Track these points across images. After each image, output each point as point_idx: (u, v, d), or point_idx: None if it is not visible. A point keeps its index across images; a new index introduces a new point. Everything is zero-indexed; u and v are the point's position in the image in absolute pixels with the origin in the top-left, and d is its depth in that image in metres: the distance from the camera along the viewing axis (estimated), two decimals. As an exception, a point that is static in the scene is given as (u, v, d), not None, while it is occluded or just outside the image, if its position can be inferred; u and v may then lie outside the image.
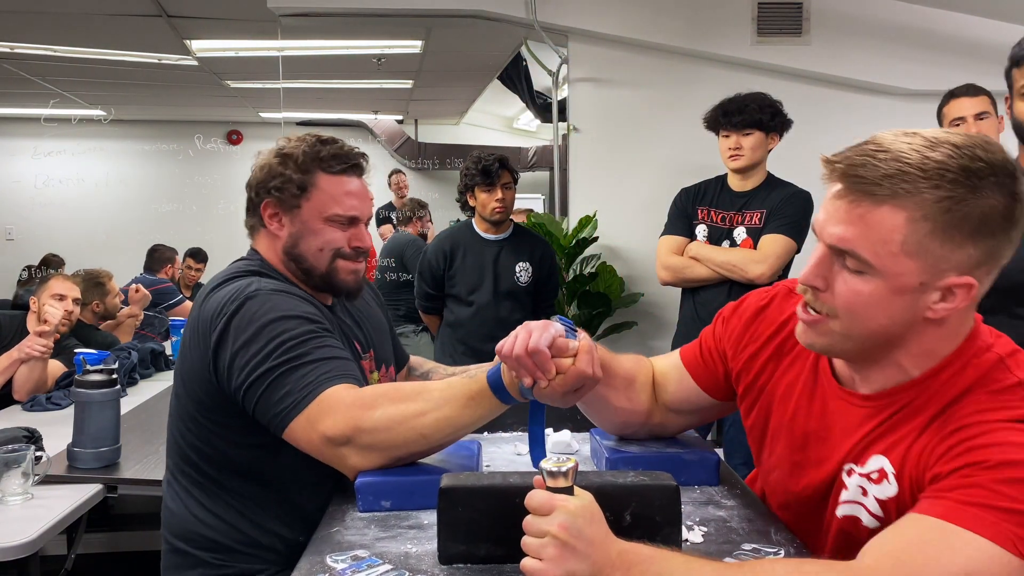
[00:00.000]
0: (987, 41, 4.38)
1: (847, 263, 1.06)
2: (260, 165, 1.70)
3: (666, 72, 4.41)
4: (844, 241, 1.05)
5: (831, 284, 1.09)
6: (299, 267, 1.68)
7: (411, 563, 1.17)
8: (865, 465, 1.14)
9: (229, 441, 1.58)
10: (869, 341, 1.10)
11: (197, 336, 1.56)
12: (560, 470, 1.03)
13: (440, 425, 1.36)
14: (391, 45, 5.88)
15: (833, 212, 1.07)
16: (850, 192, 1.04)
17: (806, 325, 1.14)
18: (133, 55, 6.14)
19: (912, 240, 1.02)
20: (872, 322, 1.07)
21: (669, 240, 3.35)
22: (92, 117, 8.09)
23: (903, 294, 1.05)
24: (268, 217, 1.68)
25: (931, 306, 1.06)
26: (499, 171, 3.61)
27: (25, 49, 5.95)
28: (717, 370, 1.43)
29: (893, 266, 1.03)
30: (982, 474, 0.99)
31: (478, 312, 3.66)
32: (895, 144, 1.04)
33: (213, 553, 1.60)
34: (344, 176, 1.68)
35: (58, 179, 9.06)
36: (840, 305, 1.08)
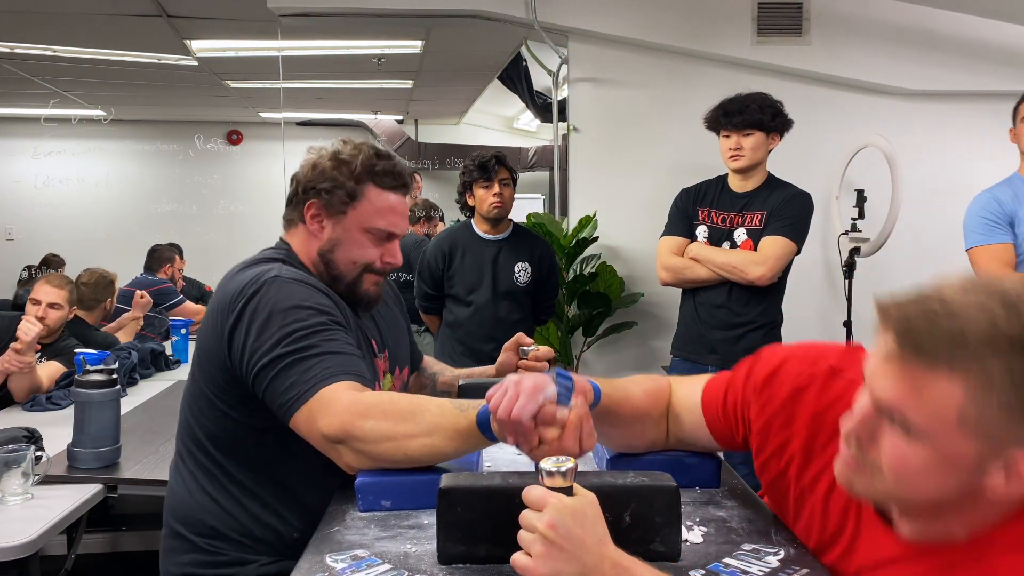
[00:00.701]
0: (987, 41, 4.38)
1: (896, 420, 0.93)
2: (312, 163, 1.72)
3: (666, 72, 4.41)
4: (893, 403, 0.93)
5: (878, 440, 0.96)
6: (328, 271, 1.71)
7: (411, 563, 1.17)
8: None
9: (240, 424, 1.60)
10: (915, 509, 0.99)
11: (216, 316, 1.59)
12: (558, 470, 1.03)
13: (425, 451, 1.37)
14: (391, 45, 5.88)
15: (886, 373, 0.93)
16: (904, 354, 0.91)
17: (849, 468, 1.01)
18: (133, 55, 6.14)
19: (972, 414, 0.88)
20: (921, 491, 0.95)
21: (669, 241, 3.35)
22: (92, 117, 8.09)
23: (954, 470, 0.92)
24: (310, 216, 1.71)
25: (992, 485, 0.91)
26: (496, 167, 3.62)
27: (25, 49, 5.95)
28: (737, 430, 1.33)
29: (945, 441, 0.90)
30: None
31: (477, 312, 3.66)
32: (964, 308, 0.89)
33: (208, 539, 1.63)
34: (393, 192, 1.72)
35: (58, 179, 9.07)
36: (887, 467, 0.95)
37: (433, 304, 3.82)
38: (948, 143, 4.39)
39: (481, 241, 3.72)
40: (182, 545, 1.66)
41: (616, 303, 4.35)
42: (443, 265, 3.72)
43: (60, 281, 3.67)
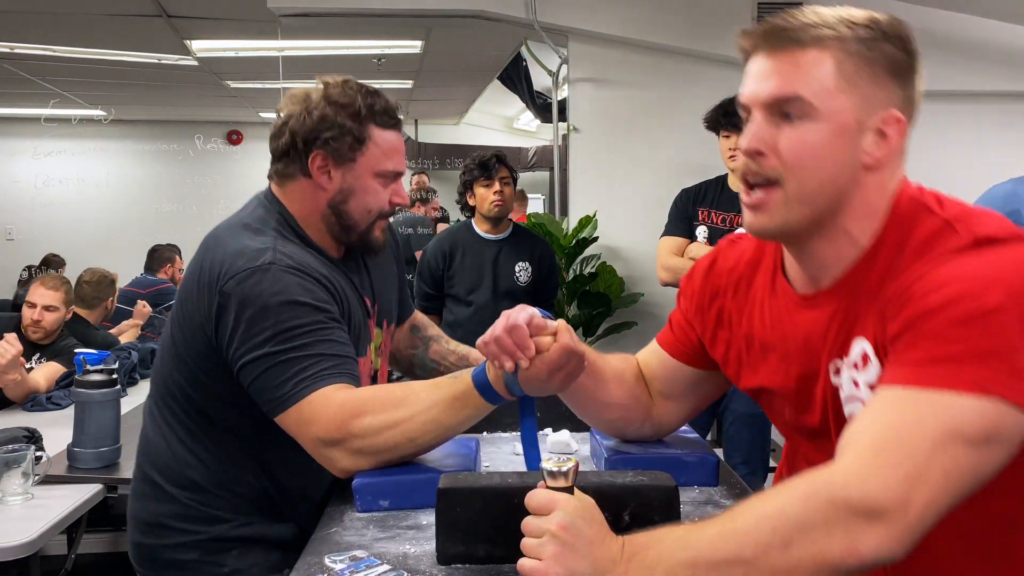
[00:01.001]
0: (987, 41, 4.38)
1: (790, 112, 1.06)
2: (307, 110, 1.58)
3: (666, 72, 4.42)
4: (783, 89, 1.06)
5: (774, 146, 1.07)
6: (339, 223, 1.61)
7: (410, 563, 1.17)
8: (850, 354, 1.09)
9: (224, 399, 1.54)
10: (820, 199, 1.08)
11: (201, 286, 1.51)
12: (560, 470, 1.03)
13: (428, 428, 1.37)
14: (391, 45, 5.88)
15: (761, 72, 1.09)
16: (775, 48, 1.08)
17: (755, 209, 1.11)
18: (133, 55, 6.15)
19: (843, 75, 1.05)
20: (821, 172, 1.06)
21: (669, 241, 3.35)
22: (92, 117, 8.09)
23: (844, 136, 1.06)
24: (316, 168, 1.58)
25: (868, 151, 1.07)
26: (496, 165, 3.63)
27: (25, 49, 5.96)
28: (692, 339, 1.39)
29: (831, 104, 1.05)
30: (930, 322, 0.95)
31: (477, 312, 3.66)
32: (808, 10, 1.09)
33: (187, 492, 1.57)
34: (393, 131, 1.63)
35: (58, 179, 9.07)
36: (787, 162, 1.07)
37: (433, 304, 3.82)
38: (948, 143, 4.39)
39: (481, 241, 3.72)
40: (156, 492, 1.60)
41: (616, 303, 4.36)
42: (443, 265, 3.72)
43: (55, 283, 3.67)
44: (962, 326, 0.94)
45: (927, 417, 0.92)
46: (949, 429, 0.91)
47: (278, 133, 1.61)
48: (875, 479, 0.89)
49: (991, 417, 0.91)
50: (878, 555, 0.88)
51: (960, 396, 0.91)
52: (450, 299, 3.74)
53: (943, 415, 0.91)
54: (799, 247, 1.14)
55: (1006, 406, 0.91)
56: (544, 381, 1.32)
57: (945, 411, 0.92)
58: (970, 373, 0.92)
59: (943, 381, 0.93)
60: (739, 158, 1.12)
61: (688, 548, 0.93)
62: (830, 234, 1.10)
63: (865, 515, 0.88)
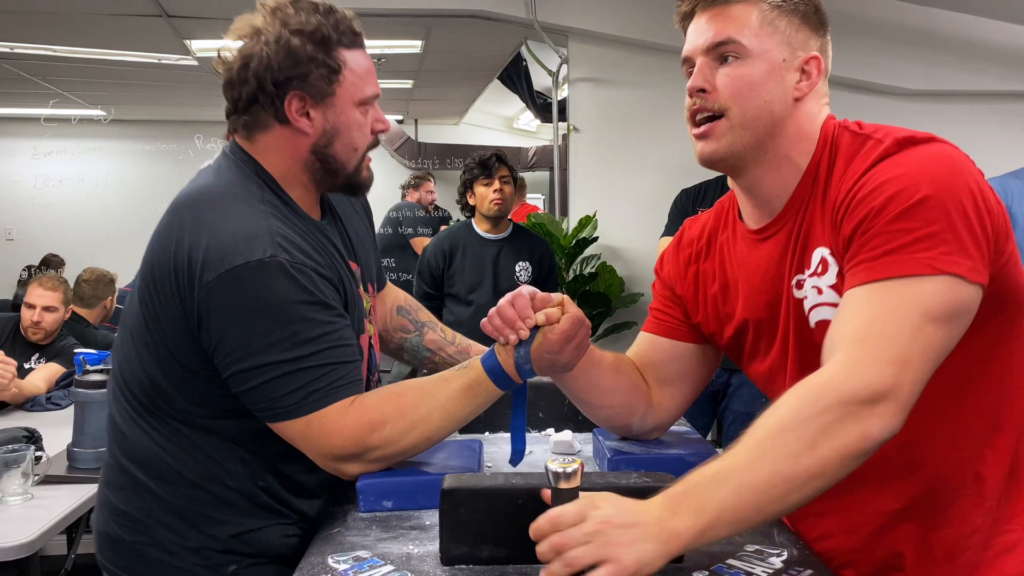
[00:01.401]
0: (987, 41, 4.38)
1: (725, 53, 1.23)
2: (268, 46, 1.37)
3: (666, 72, 4.40)
4: (719, 35, 1.23)
5: (714, 84, 1.23)
6: (324, 168, 1.44)
7: (413, 564, 1.17)
8: (810, 265, 1.21)
9: (211, 400, 1.37)
10: (759, 124, 1.22)
11: (179, 271, 1.31)
12: (566, 471, 1.03)
13: (444, 424, 1.36)
14: (391, 45, 5.88)
15: (698, 28, 1.26)
16: (709, 8, 1.25)
17: (704, 137, 1.25)
18: (133, 55, 6.14)
19: (766, 21, 1.22)
20: (758, 99, 1.21)
21: (668, 241, 3.35)
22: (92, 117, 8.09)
23: (773, 71, 1.22)
24: (294, 112, 1.39)
25: (796, 86, 1.23)
26: (496, 164, 3.64)
27: (25, 49, 5.95)
28: (676, 314, 1.47)
29: (759, 44, 1.21)
30: (876, 221, 1.08)
31: (477, 312, 3.65)
32: None
33: (170, 485, 1.39)
34: (360, 50, 1.45)
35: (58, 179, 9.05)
36: (728, 95, 1.22)
37: (433, 304, 3.82)
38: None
39: (481, 240, 3.73)
40: (132, 483, 1.42)
41: (616, 303, 4.36)
42: (443, 264, 3.72)
43: (53, 283, 3.67)
44: (904, 219, 1.07)
45: (896, 306, 1.04)
46: (919, 312, 1.04)
47: (238, 79, 1.40)
48: (870, 369, 1.01)
49: (950, 294, 1.05)
50: (883, 434, 1.01)
51: (919, 279, 1.04)
52: (450, 299, 3.74)
53: (910, 300, 1.04)
54: (747, 179, 1.28)
55: (959, 280, 1.05)
56: (556, 354, 1.33)
57: (911, 297, 1.04)
58: (921, 257, 1.05)
59: (900, 269, 1.05)
60: (687, 105, 1.27)
61: (728, 480, 0.99)
62: (773, 159, 1.24)
63: (869, 402, 1.00)
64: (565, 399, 1.80)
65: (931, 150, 1.13)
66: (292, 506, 1.43)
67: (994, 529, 1.18)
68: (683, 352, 1.47)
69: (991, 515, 1.18)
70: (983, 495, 1.18)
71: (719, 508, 0.97)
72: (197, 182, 1.43)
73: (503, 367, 1.36)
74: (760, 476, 0.98)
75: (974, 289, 1.06)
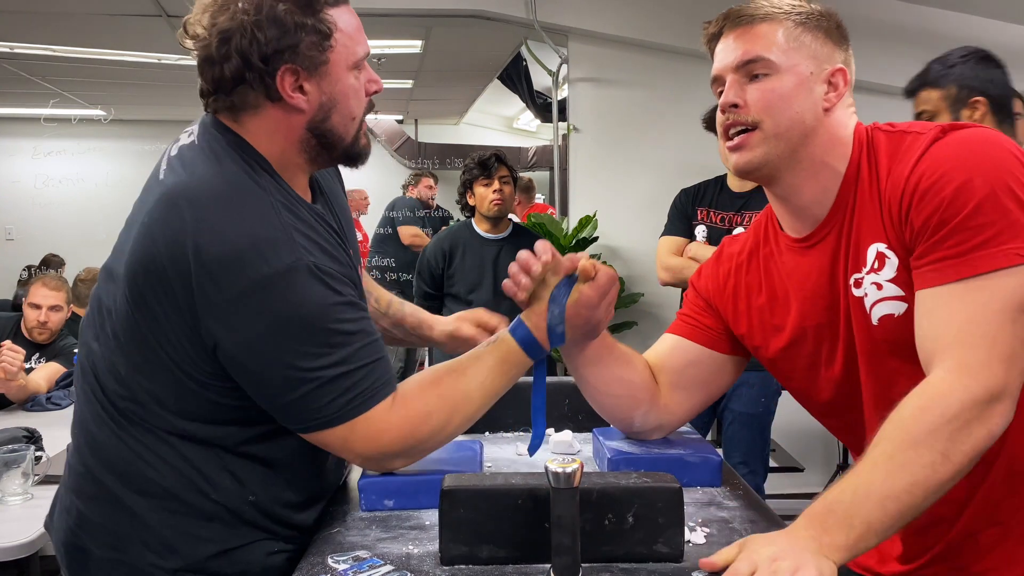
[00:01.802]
0: (987, 41, 4.35)
1: (755, 71, 1.27)
2: (249, 15, 1.21)
3: (666, 72, 4.42)
4: (748, 53, 1.27)
5: (746, 99, 1.27)
6: (320, 143, 1.31)
7: (413, 564, 1.17)
8: (866, 263, 1.23)
9: (211, 404, 1.28)
10: (792, 133, 1.26)
11: (172, 275, 1.19)
12: (565, 472, 1.03)
13: (484, 402, 1.35)
14: (391, 45, 5.88)
15: (727, 48, 1.31)
16: (735, 28, 1.30)
17: (738, 149, 1.29)
18: (133, 55, 6.14)
19: (791, 37, 1.27)
20: (790, 111, 1.26)
21: (668, 241, 3.35)
22: (92, 117, 8.09)
23: (802, 84, 1.26)
24: (289, 88, 1.26)
25: (824, 97, 1.27)
26: (496, 164, 3.65)
27: (25, 49, 5.95)
28: (712, 323, 1.49)
29: (787, 59, 1.26)
30: (951, 216, 1.11)
31: (477, 312, 3.66)
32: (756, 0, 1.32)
33: (150, 499, 1.28)
34: (345, 6, 1.31)
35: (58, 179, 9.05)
36: (760, 108, 1.26)
37: (432, 304, 3.82)
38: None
39: (482, 240, 3.73)
40: (108, 496, 1.30)
41: (616, 303, 4.36)
42: (443, 264, 3.73)
43: (57, 282, 3.68)
44: (981, 213, 1.10)
45: (990, 303, 1.09)
46: (1013, 306, 1.08)
47: (218, 56, 1.23)
48: (983, 371, 1.07)
49: None
50: (1004, 428, 1.07)
51: (1006, 272, 1.09)
52: (450, 298, 3.74)
53: (1002, 294, 1.08)
54: (783, 187, 1.30)
55: None
56: (594, 309, 1.35)
57: (1002, 290, 1.08)
58: (1007, 249, 1.09)
59: (988, 263, 1.09)
60: (719, 121, 1.31)
61: (870, 494, 1.03)
62: (809, 167, 1.28)
63: (989, 402, 1.06)
64: (565, 399, 1.80)
65: (976, 132, 1.18)
66: (282, 520, 1.34)
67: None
68: (705, 358, 1.49)
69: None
70: None
71: (866, 521, 1.02)
72: (194, 171, 1.26)
73: (533, 334, 1.36)
74: (900, 487, 1.03)
75: None
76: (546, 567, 1.09)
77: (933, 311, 1.13)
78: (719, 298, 1.47)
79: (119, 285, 1.27)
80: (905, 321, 1.19)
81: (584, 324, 1.38)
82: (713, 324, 1.49)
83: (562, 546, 1.06)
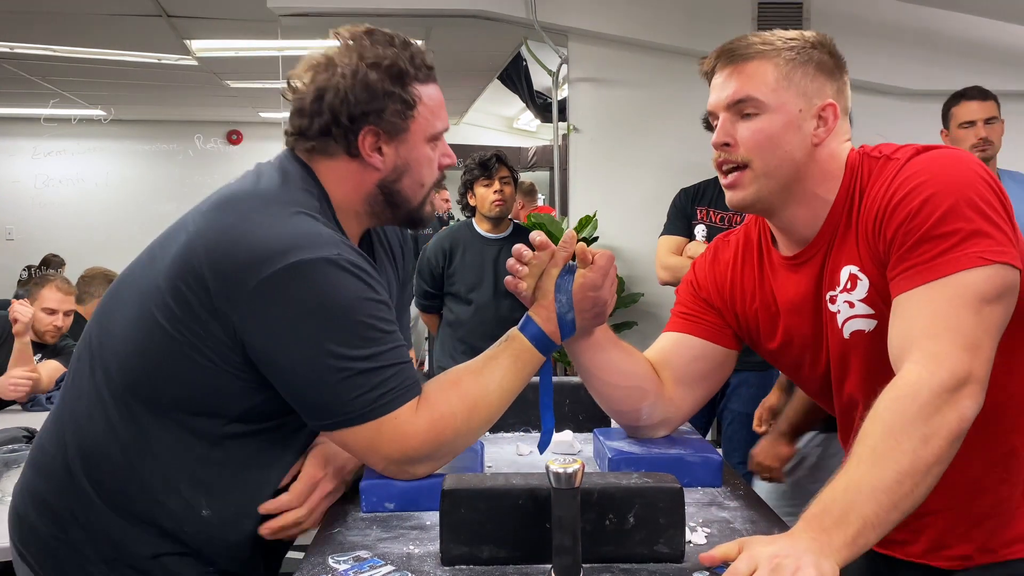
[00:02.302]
0: (987, 41, 4.38)
1: (745, 111, 1.32)
2: (345, 78, 1.34)
3: (666, 72, 4.41)
4: (738, 92, 1.32)
5: (736, 138, 1.33)
6: (387, 202, 1.41)
7: (413, 564, 1.17)
8: (840, 282, 1.32)
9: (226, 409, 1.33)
10: (784, 172, 1.32)
11: (216, 265, 1.25)
12: (566, 472, 1.03)
13: (502, 401, 1.37)
14: (391, 45, 5.87)
15: (720, 85, 1.35)
16: (727, 65, 1.34)
17: (732, 187, 1.35)
18: (133, 55, 6.14)
19: (782, 76, 1.31)
20: (779, 151, 1.31)
21: (668, 240, 3.35)
22: (92, 117, 8.09)
23: (791, 122, 1.31)
24: (368, 148, 1.36)
25: (814, 132, 1.32)
26: (496, 165, 3.66)
27: (25, 49, 5.95)
28: (713, 319, 1.54)
29: (776, 98, 1.31)
30: (919, 226, 1.20)
31: (478, 311, 3.67)
32: (751, 35, 1.37)
33: (110, 481, 1.33)
34: (433, 83, 1.43)
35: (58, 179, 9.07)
36: (749, 147, 1.32)
37: (432, 303, 3.83)
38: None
39: (482, 240, 3.73)
40: (66, 475, 1.35)
41: (616, 303, 4.36)
42: (443, 263, 3.73)
43: (68, 287, 3.70)
44: (947, 221, 1.18)
45: (954, 298, 1.16)
46: (975, 298, 1.15)
47: (311, 110, 1.36)
48: (948, 359, 1.12)
49: (997, 278, 1.17)
50: (974, 411, 1.13)
51: (971, 271, 1.16)
52: (450, 297, 3.75)
53: (965, 291, 1.16)
54: (779, 216, 1.38)
55: (1002, 267, 1.17)
56: (598, 289, 1.39)
57: (965, 288, 1.16)
58: (968, 252, 1.17)
59: (953, 266, 1.17)
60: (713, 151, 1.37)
61: (860, 488, 1.06)
62: (801, 199, 1.34)
63: (957, 388, 1.11)
64: (565, 399, 1.80)
65: (945, 152, 1.27)
66: (219, 547, 1.36)
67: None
68: (709, 353, 1.53)
69: (1017, 488, 1.30)
70: (1010, 470, 1.31)
71: (861, 516, 1.04)
72: (257, 182, 1.37)
73: (543, 328, 1.39)
74: (888, 477, 1.06)
75: (1017, 273, 1.19)
76: (547, 567, 1.09)
77: (902, 314, 1.20)
78: (719, 298, 1.52)
79: (160, 273, 1.32)
80: (875, 336, 1.28)
81: (592, 307, 1.41)
82: (716, 320, 1.53)
83: (563, 546, 1.06)
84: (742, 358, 1.57)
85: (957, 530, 1.33)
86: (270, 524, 1.36)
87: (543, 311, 1.40)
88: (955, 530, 1.33)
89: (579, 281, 1.40)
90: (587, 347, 1.49)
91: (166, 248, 1.35)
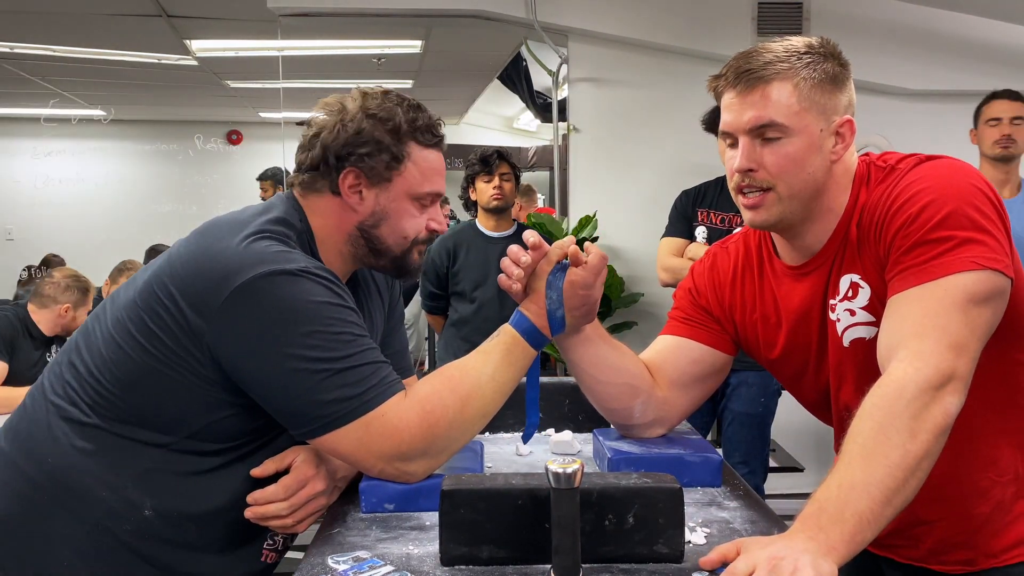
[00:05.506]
0: (987, 41, 4.38)
1: (768, 135, 1.31)
2: (343, 123, 1.43)
3: (666, 72, 4.41)
4: (761, 117, 1.30)
5: (760, 162, 1.32)
6: (369, 246, 1.47)
7: (413, 565, 1.17)
8: (840, 291, 1.35)
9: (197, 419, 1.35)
10: (807, 193, 1.33)
11: (189, 279, 1.31)
12: (566, 472, 1.03)
13: (496, 396, 1.37)
14: (391, 45, 5.88)
15: (739, 107, 1.32)
16: (745, 86, 1.32)
17: (753, 208, 1.35)
18: (133, 55, 6.14)
19: (803, 96, 1.30)
20: (803, 173, 1.31)
21: (669, 242, 3.36)
22: (92, 117, 8.09)
23: (813, 144, 1.31)
24: (347, 187, 1.44)
25: (833, 150, 1.33)
26: (497, 160, 3.67)
27: (25, 49, 5.95)
28: (712, 325, 1.54)
29: (799, 122, 1.30)
30: (917, 230, 1.23)
31: (481, 309, 3.68)
32: (760, 47, 1.35)
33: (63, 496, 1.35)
34: (435, 150, 1.49)
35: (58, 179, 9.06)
36: (774, 173, 1.32)
37: (438, 304, 3.84)
38: (948, 143, 4.38)
39: (486, 239, 3.74)
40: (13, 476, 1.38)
41: (616, 303, 4.35)
42: (448, 262, 3.75)
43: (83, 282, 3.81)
44: (944, 227, 1.21)
45: (944, 298, 1.19)
46: (964, 299, 1.18)
47: (307, 145, 1.46)
48: (934, 357, 1.15)
49: (987, 282, 1.20)
50: (958, 407, 1.15)
51: (962, 274, 1.19)
52: (455, 296, 3.77)
53: (955, 291, 1.19)
54: (793, 233, 1.39)
55: (993, 273, 1.20)
56: (590, 288, 1.40)
57: (955, 288, 1.19)
58: (962, 257, 1.20)
59: (945, 269, 1.20)
60: (731, 176, 1.35)
61: (854, 486, 1.07)
62: (817, 214, 1.36)
63: (941, 385, 1.14)
64: (565, 399, 1.80)
65: (948, 162, 1.30)
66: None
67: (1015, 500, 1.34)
68: (708, 357, 1.54)
69: (1009, 488, 1.33)
70: (1000, 471, 1.33)
71: (856, 512, 1.05)
72: (241, 213, 1.45)
73: (534, 323, 1.40)
74: (880, 473, 1.08)
75: (1008, 281, 1.22)
76: (546, 568, 1.09)
77: (893, 314, 1.23)
78: (718, 307, 1.54)
79: (138, 291, 1.38)
80: (874, 344, 1.27)
81: (581, 304, 1.42)
82: (715, 326, 1.54)
83: (562, 547, 1.06)
84: (742, 358, 1.57)
85: (958, 537, 1.35)
86: (253, 509, 1.38)
87: (534, 306, 1.41)
88: (956, 537, 1.35)
89: (571, 279, 1.41)
90: (577, 343, 1.50)
91: (147, 269, 1.42)
